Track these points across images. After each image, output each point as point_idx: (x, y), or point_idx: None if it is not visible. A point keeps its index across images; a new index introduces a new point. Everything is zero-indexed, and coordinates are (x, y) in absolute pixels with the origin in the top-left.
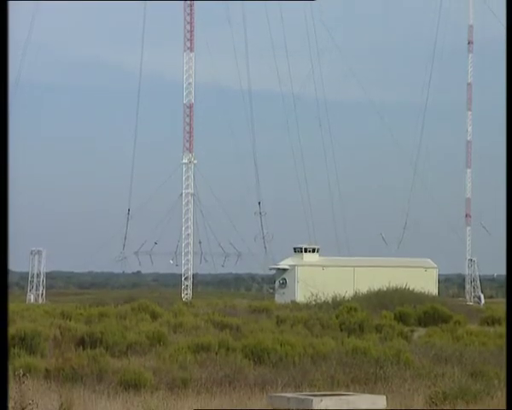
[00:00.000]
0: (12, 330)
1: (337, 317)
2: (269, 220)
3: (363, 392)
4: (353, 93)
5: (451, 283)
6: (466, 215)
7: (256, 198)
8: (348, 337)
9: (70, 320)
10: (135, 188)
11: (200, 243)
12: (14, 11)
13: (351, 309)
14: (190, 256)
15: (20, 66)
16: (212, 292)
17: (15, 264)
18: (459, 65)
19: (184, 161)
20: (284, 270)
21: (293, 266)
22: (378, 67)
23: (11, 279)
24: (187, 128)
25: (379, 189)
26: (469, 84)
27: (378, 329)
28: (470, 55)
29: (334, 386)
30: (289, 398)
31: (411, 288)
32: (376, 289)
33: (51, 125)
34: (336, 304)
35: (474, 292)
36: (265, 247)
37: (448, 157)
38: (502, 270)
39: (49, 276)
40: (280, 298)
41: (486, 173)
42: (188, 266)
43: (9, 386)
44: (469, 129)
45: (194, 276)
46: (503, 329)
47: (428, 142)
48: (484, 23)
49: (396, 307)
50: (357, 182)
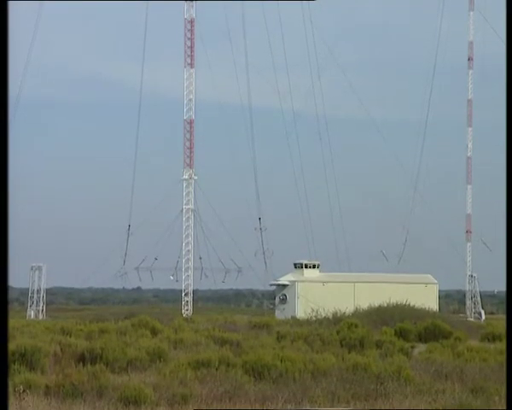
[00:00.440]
0: (12, 346)
1: (337, 333)
2: (269, 236)
3: (363, 408)
4: (353, 109)
5: (452, 299)
6: (466, 231)
7: (256, 214)
8: (349, 353)
9: (70, 336)
10: (135, 204)
11: (200, 259)
12: (14, 27)
13: (351, 325)
14: (191, 272)
15: (22, 82)
16: (213, 308)
17: (16, 280)
18: (459, 81)
19: (185, 177)
20: (284, 286)
21: (293, 282)
22: (378, 84)
23: (11, 295)
24: (187, 144)
25: (379, 205)
26: (469, 100)
27: (378, 345)
28: (470, 71)
29: (334, 402)
30: None
31: (412, 304)
32: (377, 304)
33: (51, 140)
34: (337, 320)
35: (475, 308)
36: (266, 262)
37: (448, 173)
38: (502, 286)
39: (50, 292)
40: (280, 314)
41: (487, 189)
42: (188, 282)
43: (10, 402)
44: (469, 145)
45: (194, 292)
46: (504, 345)
47: (429, 158)
48: (484, 39)
49: (396, 323)
50: (357, 198)
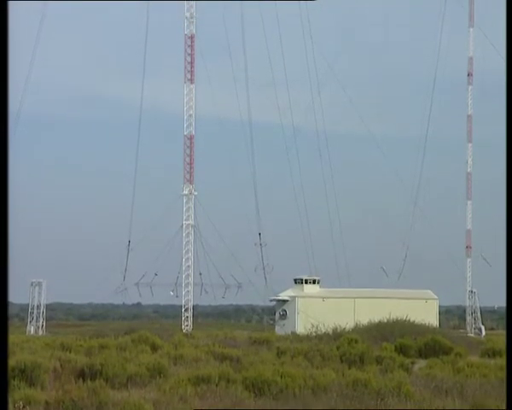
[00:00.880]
0: (12, 362)
1: (338, 348)
2: (269, 251)
3: None
4: (353, 125)
5: (452, 314)
6: (466, 247)
7: (256, 229)
8: (349, 369)
9: (70, 352)
10: (135, 219)
11: (200, 275)
12: (14, 43)
13: (351, 341)
14: (190, 287)
15: (22, 98)
16: (213, 323)
17: (15, 296)
18: (459, 97)
19: (185, 193)
20: (284, 301)
21: (293, 298)
22: (378, 99)
23: (11, 311)
24: (187, 159)
25: (379, 220)
26: (469, 115)
27: (379, 360)
28: (470, 87)
29: None
30: None
31: (412, 319)
32: (377, 320)
33: (51, 156)
34: (337, 335)
35: (475, 324)
36: (266, 278)
37: (448, 189)
38: (502, 301)
39: (49, 307)
40: (280, 329)
41: (487, 205)
42: (188, 298)
43: None
44: (469, 161)
45: (194, 307)
46: (504, 361)
47: (429, 173)
48: (484, 55)
49: (396, 339)
50: (357, 213)
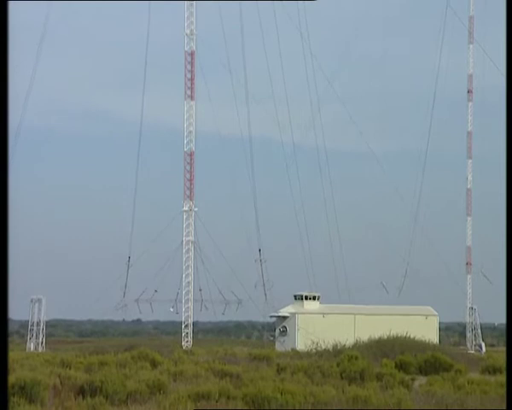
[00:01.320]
0: (12, 378)
1: (338, 365)
2: (269, 268)
3: None
4: (353, 141)
5: (452, 331)
6: (467, 263)
7: (256, 245)
8: (349, 386)
9: (70, 369)
10: (135, 235)
11: (200, 291)
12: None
13: (351, 357)
14: (190, 304)
15: (22, 114)
16: (213, 340)
17: (15, 312)
18: (459, 113)
19: (185, 209)
20: (284, 317)
21: (293, 314)
22: (378, 116)
23: (11, 328)
24: (187, 176)
25: (379, 236)
26: (469, 132)
27: (379, 377)
28: (470, 103)
29: None
30: None
31: (412, 336)
32: (377, 337)
33: (51, 172)
34: (337, 352)
35: (475, 340)
36: (266, 294)
37: (448, 205)
38: (503, 318)
39: (49, 324)
40: (280, 346)
41: (487, 221)
42: (188, 314)
43: None
44: (469, 177)
45: (194, 324)
46: (505, 378)
47: (429, 190)
48: (483, 72)
49: (397, 356)
50: (357, 229)
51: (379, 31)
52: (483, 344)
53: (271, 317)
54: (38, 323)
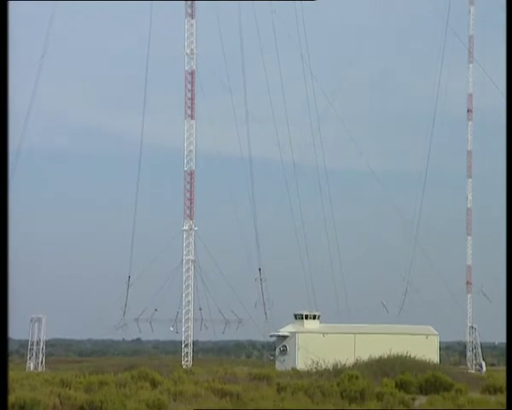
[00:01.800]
0: (12, 398)
1: (338, 385)
2: (269, 287)
3: None
4: (353, 161)
5: (453, 350)
6: (467, 282)
7: (256, 264)
8: (349, 405)
9: (69, 389)
10: (135, 254)
11: (200, 310)
12: (14, 77)
13: (352, 377)
14: (190, 323)
15: (22, 134)
16: (213, 359)
17: (15, 332)
18: (459, 132)
19: (185, 228)
20: (285, 337)
21: (293, 333)
22: (378, 135)
23: (11, 347)
24: (187, 195)
25: (379, 255)
26: (469, 151)
27: (379, 397)
28: (470, 122)
29: None
30: None
31: (412, 355)
32: (377, 356)
33: (51, 191)
34: (337, 372)
35: (476, 360)
36: (266, 313)
37: (448, 225)
38: (503, 337)
39: (49, 343)
40: (280, 365)
41: (487, 241)
42: (188, 333)
43: None
44: (469, 196)
45: (194, 343)
46: (505, 397)
47: (429, 209)
48: (483, 91)
49: (397, 375)
50: (357, 248)
51: (379, 50)
52: (483, 363)
53: (271, 336)
54: (38, 342)
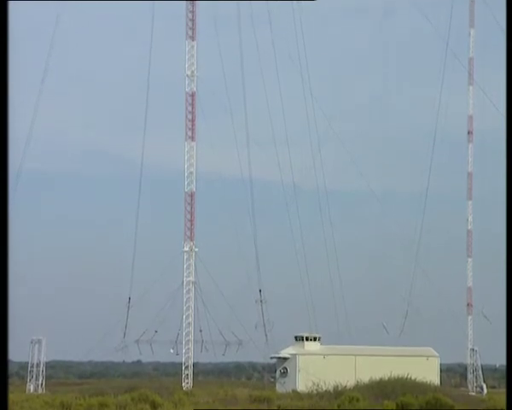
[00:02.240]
0: None
1: (339, 406)
2: (270, 308)
3: None
4: (353, 181)
5: (453, 372)
6: (467, 304)
7: (257, 286)
8: None
9: None
10: (136, 276)
11: (200, 332)
12: (15, 99)
13: (352, 399)
14: (191, 345)
15: (23, 156)
16: (213, 381)
17: (15, 354)
18: (459, 154)
19: (186, 249)
20: (285, 359)
21: (294, 355)
22: (378, 156)
23: (11, 369)
24: (188, 216)
25: (380, 277)
26: (469, 173)
27: None
28: (470, 144)
29: None
30: None
31: (413, 377)
32: (378, 378)
33: (51, 213)
34: (338, 393)
35: (476, 382)
36: (266, 335)
37: (449, 246)
38: (504, 360)
39: (49, 365)
40: (281, 387)
41: (487, 262)
42: (188, 355)
43: None
44: (470, 218)
45: (194, 365)
46: None
47: (429, 231)
48: (483, 113)
49: (398, 397)
50: (357, 270)
51: (379, 71)
52: (484, 386)
53: (272, 358)
54: (38, 364)
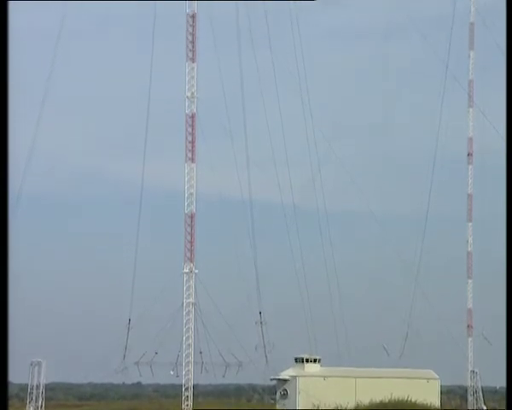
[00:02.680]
0: None
1: None
2: (270, 330)
3: None
4: (353, 203)
5: (454, 394)
6: (468, 326)
7: (257, 307)
8: None
9: None
10: (136, 297)
11: (200, 353)
12: (14, 119)
13: None
14: (191, 366)
15: (22, 178)
16: (213, 403)
17: (15, 375)
18: (459, 176)
19: (185, 271)
20: (285, 380)
21: (294, 377)
22: (378, 177)
23: (11, 391)
24: (188, 238)
25: (380, 299)
26: (469, 195)
27: None
28: (470, 166)
29: None
30: None
31: (413, 399)
32: (378, 400)
33: (51, 235)
34: None
35: (477, 404)
36: (266, 357)
37: (449, 268)
38: (504, 382)
39: (49, 387)
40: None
41: (487, 284)
42: (188, 377)
43: None
44: (470, 240)
45: (194, 386)
46: None
47: (429, 252)
48: (483, 135)
49: None
50: (358, 291)
51: (379, 92)
52: (485, 408)
53: (272, 380)
54: (38, 386)
